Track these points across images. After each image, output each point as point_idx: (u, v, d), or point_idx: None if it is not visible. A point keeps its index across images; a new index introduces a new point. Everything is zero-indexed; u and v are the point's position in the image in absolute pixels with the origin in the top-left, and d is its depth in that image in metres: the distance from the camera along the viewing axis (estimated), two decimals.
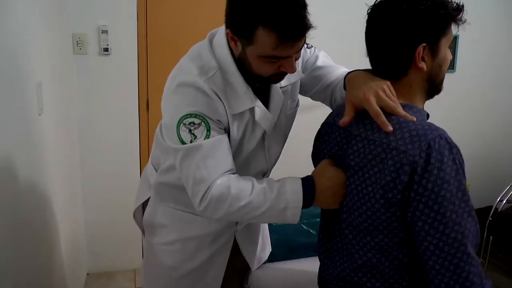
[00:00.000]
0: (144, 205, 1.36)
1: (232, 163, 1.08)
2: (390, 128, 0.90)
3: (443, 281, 0.86)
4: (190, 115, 1.03)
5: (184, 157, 1.05)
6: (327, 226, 1.11)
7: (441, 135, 0.86)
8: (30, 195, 1.41)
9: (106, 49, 2.38)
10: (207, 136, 1.04)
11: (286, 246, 1.62)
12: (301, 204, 1.02)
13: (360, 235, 0.97)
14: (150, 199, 1.33)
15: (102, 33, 2.36)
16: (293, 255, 1.60)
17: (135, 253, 2.61)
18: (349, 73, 1.09)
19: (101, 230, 2.58)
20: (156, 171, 1.30)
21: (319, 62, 1.26)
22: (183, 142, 1.04)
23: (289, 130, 1.30)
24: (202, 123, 1.03)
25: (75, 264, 2.23)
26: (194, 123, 1.03)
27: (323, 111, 1.25)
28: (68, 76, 2.28)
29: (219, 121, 1.07)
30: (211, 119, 1.05)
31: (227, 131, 1.10)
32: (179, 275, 1.29)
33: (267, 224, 1.54)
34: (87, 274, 2.63)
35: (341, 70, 1.24)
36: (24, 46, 1.42)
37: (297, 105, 1.28)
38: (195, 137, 1.03)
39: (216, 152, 1.05)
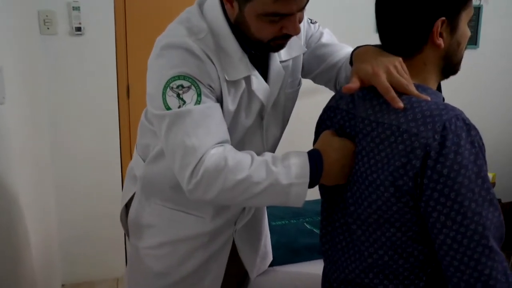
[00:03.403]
0: (129, 203, 1.36)
1: (226, 134, 1.07)
2: (401, 105, 0.91)
3: (463, 279, 0.86)
4: (178, 77, 1.03)
5: (171, 125, 1.04)
6: (328, 223, 1.12)
7: (458, 116, 0.87)
8: None
9: (78, 29, 2.37)
10: (198, 102, 1.03)
11: (287, 248, 1.63)
12: (307, 180, 1.01)
13: (369, 229, 0.98)
14: (135, 195, 1.33)
15: (74, 9, 2.35)
16: (295, 258, 1.61)
17: (118, 259, 2.62)
18: (357, 48, 1.10)
19: (77, 234, 2.57)
20: (144, 162, 1.30)
21: (324, 40, 1.27)
22: (168, 108, 1.04)
23: (290, 113, 1.31)
24: (192, 87, 1.03)
25: (48, 275, 2.23)
26: (182, 86, 1.03)
27: (324, 96, 1.26)
28: (34, 60, 2.27)
29: (210, 86, 1.07)
30: (201, 83, 1.05)
31: (219, 101, 1.10)
32: (169, 283, 1.30)
33: (269, 230, 1.54)
34: (62, 285, 2.63)
35: (347, 49, 1.25)
36: None
37: (299, 83, 1.30)
38: (184, 102, 1.03)
39: (208, 120, 1.04)
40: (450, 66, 1.00)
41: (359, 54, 1.06)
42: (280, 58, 1.19)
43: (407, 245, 0.94)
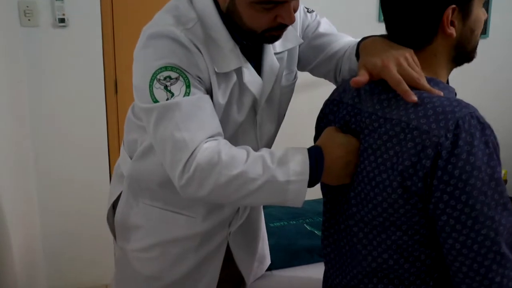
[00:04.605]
0: (117, 203, 1.36)
1: (219, 126, 1.07)
2: (415, 98, 0.90)
3: (472, 286, 0.86)
4: (165, 68, 1.03)
5: (159, 119, 1.04)
6: (330, 225, 1.11)
7: (472, 113, 0.86)
8: None
9: (62, 20, 2.36)
10: (187, 93, 1.04)
11: (286, 251, 1.62)
12: (307, 177, 1.00)
13: (373, 232, 0.97)
14: (122, 194, 1.33)
15: (57, 0, 2.33)
16: (294, 261, 1.61)
17: (106, 265, 2.60)
18: (363, 39, 1.10)
19: (62, 238, 2.56)
20: (131, 159, 1.29)
21: (322, 29, 1.27)
22: (156, 101, 1.04)
23: (285, 108, 1.31)
24: (180, 78, 1.04)
25: (31, 280, 2.22)
26: (170, 78, 1.03)
27: (326, 88, 1.25)
28: (14, 54, 2.25)
29: (199, 78, 1.07)
30: (190, 74, 1.05)
31: (209, 93, 1.10)
32: (161, 286, 1.29)
33: (266, 232, 1.54)
34: None
35: (347, 39, 1.26)
36: None
37: (295, 77, 1.29)
38: (172, 94, 1.03)
39: (199, 112, 1.04)
40: (463, 54, 0.99)
41: (366, 46, 1.06)
42: (274, 50, 1.19)
43: (413, 248, 0.94)
